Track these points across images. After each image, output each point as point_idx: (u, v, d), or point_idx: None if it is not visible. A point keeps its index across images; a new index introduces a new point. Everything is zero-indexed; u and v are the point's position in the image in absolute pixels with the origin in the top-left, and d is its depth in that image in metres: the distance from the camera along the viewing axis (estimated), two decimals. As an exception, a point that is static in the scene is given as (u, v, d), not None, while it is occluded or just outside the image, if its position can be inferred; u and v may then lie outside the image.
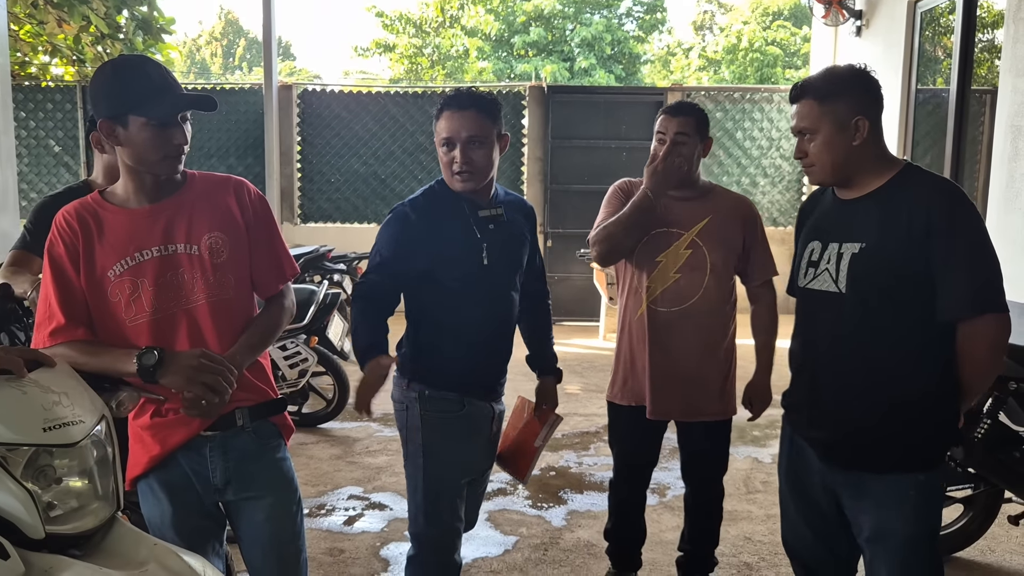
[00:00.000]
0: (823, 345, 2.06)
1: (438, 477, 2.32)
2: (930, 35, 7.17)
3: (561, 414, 2.68)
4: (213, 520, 2.02)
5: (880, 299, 1.93)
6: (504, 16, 20.80)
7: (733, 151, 9.20)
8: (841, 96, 1.94)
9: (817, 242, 2.07)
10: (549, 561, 3.32)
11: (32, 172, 9.38)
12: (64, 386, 1.61)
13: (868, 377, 1.98)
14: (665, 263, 2.68)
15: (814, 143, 1.97)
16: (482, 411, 2.39)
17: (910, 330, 1.94)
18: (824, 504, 2.13)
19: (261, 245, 2.02)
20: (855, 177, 1.99)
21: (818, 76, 2.02)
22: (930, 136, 8.01)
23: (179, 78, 2.04)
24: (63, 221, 1.88)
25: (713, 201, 2.72)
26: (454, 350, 2.32)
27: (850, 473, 2.04)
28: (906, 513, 1.97)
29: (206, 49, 34.99)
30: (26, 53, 9.44)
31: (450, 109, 2.26)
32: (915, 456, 1.98)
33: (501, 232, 2.35)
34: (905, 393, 1.96)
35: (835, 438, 2.05)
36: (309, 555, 3.27)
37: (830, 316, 2.02)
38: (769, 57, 21.99)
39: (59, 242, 1.87)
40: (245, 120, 9.30)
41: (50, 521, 1.50)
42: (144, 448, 1.94)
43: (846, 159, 1.96)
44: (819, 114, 1.95)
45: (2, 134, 5.21)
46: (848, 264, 1.95)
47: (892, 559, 1.99)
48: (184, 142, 1.88)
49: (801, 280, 2.10)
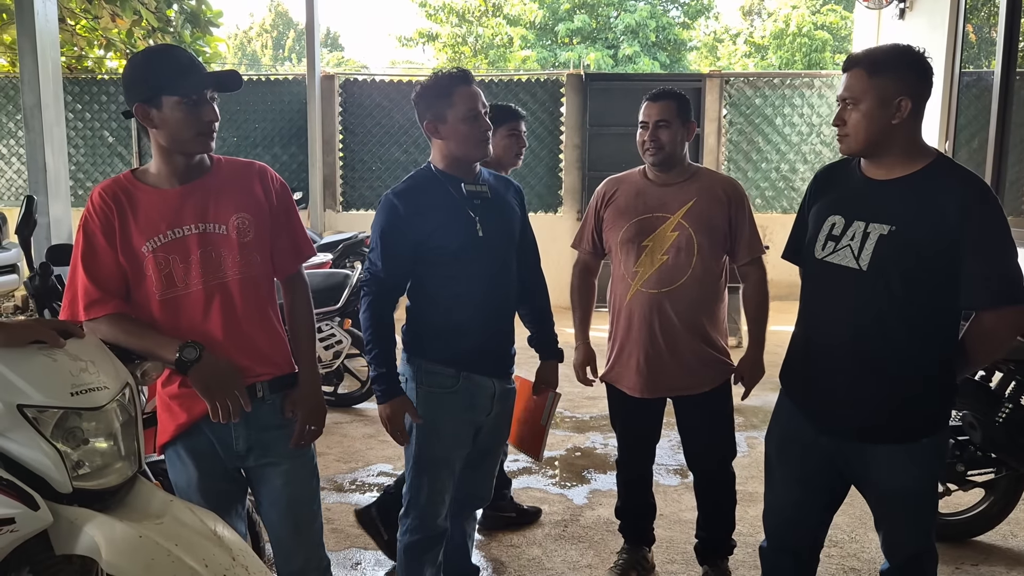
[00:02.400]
0: (835, 318, 2.10)
1: (428, 449, 2.39)
2: (974, 18, 7.00)
3: (588, 395, 2.75)
4: (236, 484, 2.15)
5: (902, 281, 1.98)
6: (548, 4, 20.76)
7: (772, 137, 9.10)
8: (891, 72, 1.97)
9: (839, 216, 2.09)
10: (568, 537, 3.41)
11: (88, 162, 9.74)
12: (91, 355, 1.74)
13: (879, 352, 2.03)
14: (652, 246, 2.74)
15: (855, 113, 2.00)
16: (481, 387, 2.42)
17: (926, 314, 2.00)
18: (813, 471, 2.20)
19: (282, 227, 2.14)
20: (885, 156, 2.02)
21: (874, 48, 2.06)
22: (977, 120, 7.83)
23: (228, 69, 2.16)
24: (98, 198, 2.00)
25: (698, 183, 2.77)
26: (453, 325, 2.36)
27: (856, 443, 2.10)
28: (915, 474, 2.07)
29: (257, 41, 35.59)
30: (82, 48, 9.79)
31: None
32: (923, 424, 2.06)
33: (491, 207, 2.39)
34: (916, 369, 2.03)
35: (844, 412, 2.10)
36: (339, 527, 3.44)
37: (846, 291, 2.07)
38: (817, 42, 21.53)
39: (95, 217, 1.98)
40: (289, 110, 9.51)
41: (77, 478, 1.63)
42: (172, 416, 2.07)
43: (881, 135, 1.99)
44: (866, 86, 1.98)
45: (55, 125, 5.44)
46: (875, 244, 1.99)
47: (901, 512, 2.12)
48: (215, 119, 1.99)
49: (818, 252, 2.13)
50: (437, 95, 2.30)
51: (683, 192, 2.75)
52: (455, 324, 2.37)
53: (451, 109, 2.28)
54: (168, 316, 2.00)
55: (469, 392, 2.40)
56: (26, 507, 1.55)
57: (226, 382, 1.94)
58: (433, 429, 2.38)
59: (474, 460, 2.53)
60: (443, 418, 2.38)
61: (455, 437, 2.42)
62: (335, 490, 3.90)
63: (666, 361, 2.76)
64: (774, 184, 9.11)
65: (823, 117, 9.03)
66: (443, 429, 2.39)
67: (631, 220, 2.77)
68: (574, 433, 4.75)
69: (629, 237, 2.76)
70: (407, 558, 2.48)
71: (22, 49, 5.32)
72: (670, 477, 4.06)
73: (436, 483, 2.41)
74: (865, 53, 2.04)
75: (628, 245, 2.77)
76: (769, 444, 2.34)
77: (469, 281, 2.35)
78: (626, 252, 2.78)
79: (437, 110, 2.30)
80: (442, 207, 2.33)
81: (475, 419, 2.45)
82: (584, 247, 2.98)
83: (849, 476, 2.19)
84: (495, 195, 2.43)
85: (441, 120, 2.30)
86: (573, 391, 3.03)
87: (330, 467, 4.15)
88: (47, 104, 5.35)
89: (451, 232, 2.32)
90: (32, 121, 5.37)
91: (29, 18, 5.23)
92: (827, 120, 8.97)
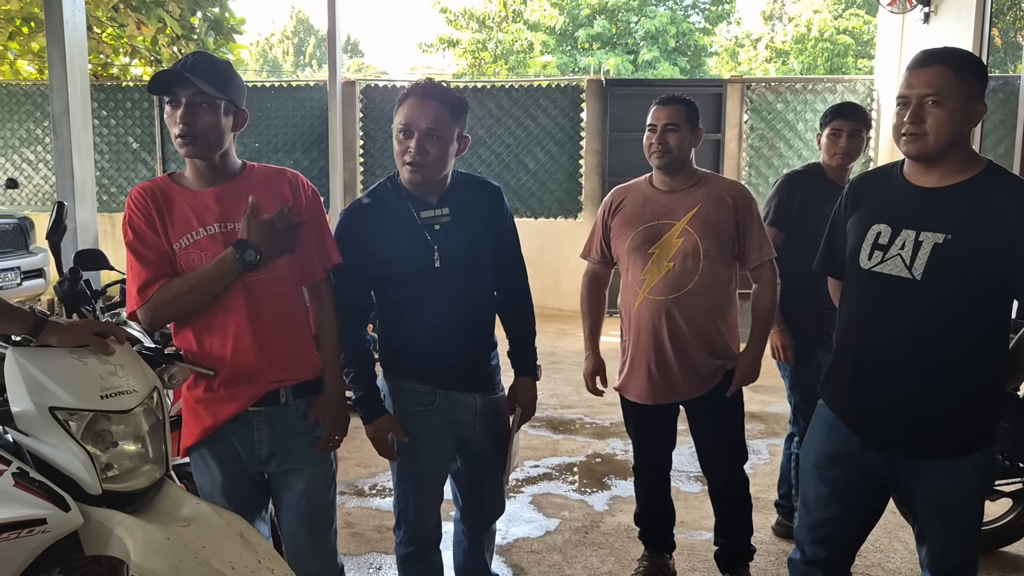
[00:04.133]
0: (887, 329, 2.05)
1: (412, 465, 2.34)
2: (1000, 22, 6.94)
3: (607, 401, 2.70)
4: (259, 489, 2.17)
5: (959, 290, 1.94)
6: (569, 9, 20.80)
7: (794, 142, 9.05)
8: (971, 75, 1.94)
9: (885, 226, 2.05)
10: (588, 543, 3.40)
11: (112, 168, 9.86)
12: (120, 359, 1.77)
13: (934, 365, 1.99)
14: (658, 254, 2.73)
15: (939, 111, 1.92)
16: (462, 403, 2.32)
17: (982, 322, 1.97)
18: (855, 489, 2.15)
19: (311, 233, 2.15)
20: (946, 160, 1.98)
21: (949, 49, 2.00)
22: (1004, 125, 7.75)
23: (251, 76, 2.22)
24: (138, 195, 2.04)
25: (703, 189, 2.76)
26: (420, 346, 2.28)
27: (906, 457, 2.06)
28: (966, 486, 2.03)
29: (279, 47, 35.93)
30: (108, 55, 9.95)
31: (414, 97, 2.16)
32: (976, 437, 2.03)
33: (452, 231, 2.25)
34: (970, 381, 1.99)
35: (896, 426, 2.05)
36: (359, 531, 3.45)
37: (898, 302, 2.01)
38: (839, 47, 21.42)
39: (137, 213, 2.03)
40: (311, 116, 9.59)
41: (107, 480, 1.66)
42: (197, 420, 2.09)
43: (956, 138, 1.94)
44: (954, 84, 1.91)
45: (82, 131, 5.52)
46: (929, 253, 1.95)
47: (949, 524, 2.07)
48: (185, 121, 1.96)
49: (864, 262, 2.07)
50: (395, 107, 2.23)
51: (689, 198, 2.75)
52: (424, 343, 2.28)
53: (393, 124, 2.20)
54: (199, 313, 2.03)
55: (448, 408, 2.31)
56: (57, 508, 1.58)
57: (280, 236, 2.00)
58: (414, 446, 2.30)
59: (473, 481, 2.49)
60: (422, 435, 2.30)
61: (436, 453, 2.35)
62: (355, 494, 3.92)
63: (674, 368, 2.75)
64: (796, 190, 9.06)
65: (845, 122, 8.95)
66: (423, 446, 2.31)
67: (638, 228, 2.77)
68: (594, 439, 4.74)
69: (636, 245, 2.77)
70: (404, 569, 2.47)
71: (51, 57, 5.41)
72: (691, 484, 4.04)
73: (422, 497, 2.37)
74: (945, 51, 1.97)
75: (635, 253, 2.77)
76: (806, 459, 2.27)
77: (436, 303, 2.25)
78: (633, 260, 2.78)
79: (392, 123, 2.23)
80: (397, 232, 2.22)
81: (458, 434, 2.36)
82: (593, 256, 2.99)
83: (894, 489, 2.14)
84: (458, 213, 2.26)
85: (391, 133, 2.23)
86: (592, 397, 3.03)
87: (350, 472, 4.17)
88: (75, 111, 5.43)
89: (405, 262, 2.22)
90: (60, 128, 5.45)
91: (58, 27, 5.32)
92: (849, 125, 8.91)
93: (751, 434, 4.75)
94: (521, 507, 3.77)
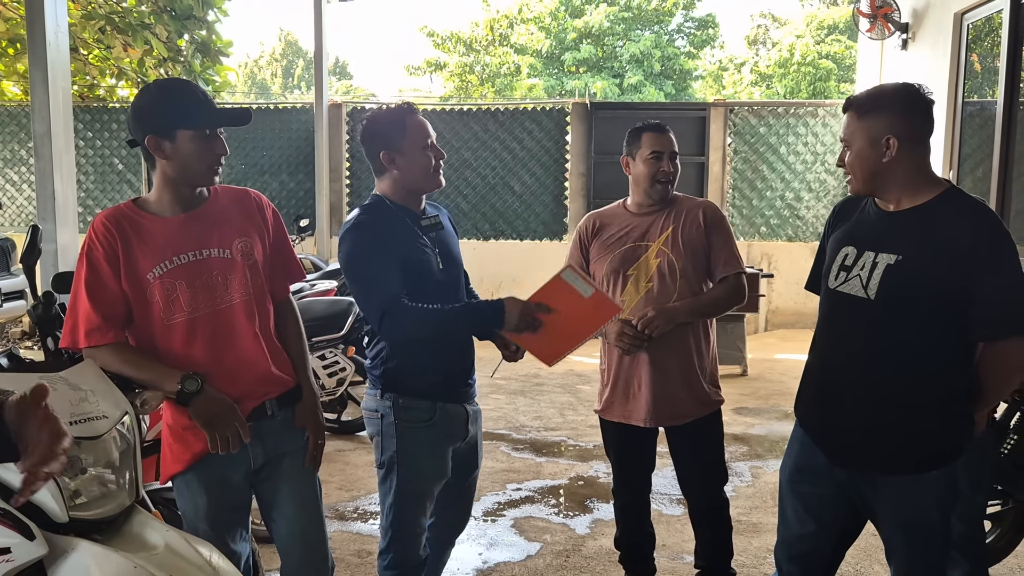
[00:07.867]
0: (845, 348, 2.12)
1: (410, 484, 2.36)
2: (977, 47, 7.05)
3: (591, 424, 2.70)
4: (242, 511, 2.21)
5: (909, 310, 1.99)
6: (555, 33, 20.99)
7: (777, 166, 9.13)
8: (877, 112, 2.02)
9: (852, 248, 2.12)
10: (570, 567, 3.38)
11: (97, 188, 9.83)
12: (91, 384, 1.76)
13: (889, 383, 2.04)
14: (636, 275, 2.80)
15: (850, 154, 2.07)
16: (455, 415, 2.41)
17: (934, 342, 2.00)
18: (827, 504, 2.18)
19: (276, 251, 2.23)
20: (890, 191, 2.06)
21: (865, 92, 2.12)
22: (981, 150, 7.84)
23: (239, 98, 2.27)
24: (102, 226, 2.02)
25: (676, 209, 2.84)
26: (425, 358, 2.34)
27: (868, 475, 2.09)
28: (926, 506, 2.05)
29: (267, 69, 36.02)
30: (94, 76, 9.93)
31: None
32: (935, 456, 2.04)
33: (442, 238, 2.41)
34: (927, 400, 2.02)
35: (854, 443, 2.10)
36: (340, 556, 3.42)
37: (855, 320, 2.09)
38: (822, 71, 21.69)
39: (98, 246, 2.00)
40: (297, 138, 9.60)
41: (74, 507, 1.64)
42: (186, 446, 2.07)
43: (877, 173, 2.04)
44: (856, 128, 2.05)
45: (64, 152, 5.49)
46: (881, 274, 2.01)
47: (913, 545, 2.09)
48: (224, 152, 2.07)
49: (832, 282, 2.15)
50: (391, 126, 2.29)
51: (663, 220, 2.82)
52: (425, 357, 2.34)
53: (406, 140, 2.28)
54: (173, 341, 2.03)
55: (446, 422, 2.39)
56: (23, 537, 1.56)
57: (227, 414, 1.98)
58: (414, 464, 2.35)
59: (457, 491, 2.53)
60: (423, 452, 2.36)
61: (435, 470, 2.39)
62: (337, 518, 3.88)
63: (655, 389, 2.77)
64: (779, 212, 9.12)
65: (827, 146, 9.06)
66: (423, 463, 2.37)
67: (616, 252, 2.83)
68: (577, 462, 4.72)
69: (614, 268, 2.83)
70: None
71: (33, 79, 5.39)
72: (673, 507, 4.03)
73: (418, 517, 2.40)
74: (857, 96, 2.11)
75: (613, 276, 2.83)
76: (782, 475, 2.32)
77: None
78: (612, 283, 2.84)
79: (393, 141, 2.28)
80: (407, 241, 2.30)
81: (452, 447, 2.43)
82: None
83: (862, 508, 2.16)
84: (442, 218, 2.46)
85: (398, 151, 2.29)
86: (576, 419, 3.01)
87: (332, 495, 4.13)
88: (57, 132, 5.40)
89: (418, 272, 2.28)
90: (42, 149, 5.43)
91: (41, 48, 5.31)
92: (831, 149, 9.00)
93: (734, 456, 4.74)
94: (503, 531, 3.75)
